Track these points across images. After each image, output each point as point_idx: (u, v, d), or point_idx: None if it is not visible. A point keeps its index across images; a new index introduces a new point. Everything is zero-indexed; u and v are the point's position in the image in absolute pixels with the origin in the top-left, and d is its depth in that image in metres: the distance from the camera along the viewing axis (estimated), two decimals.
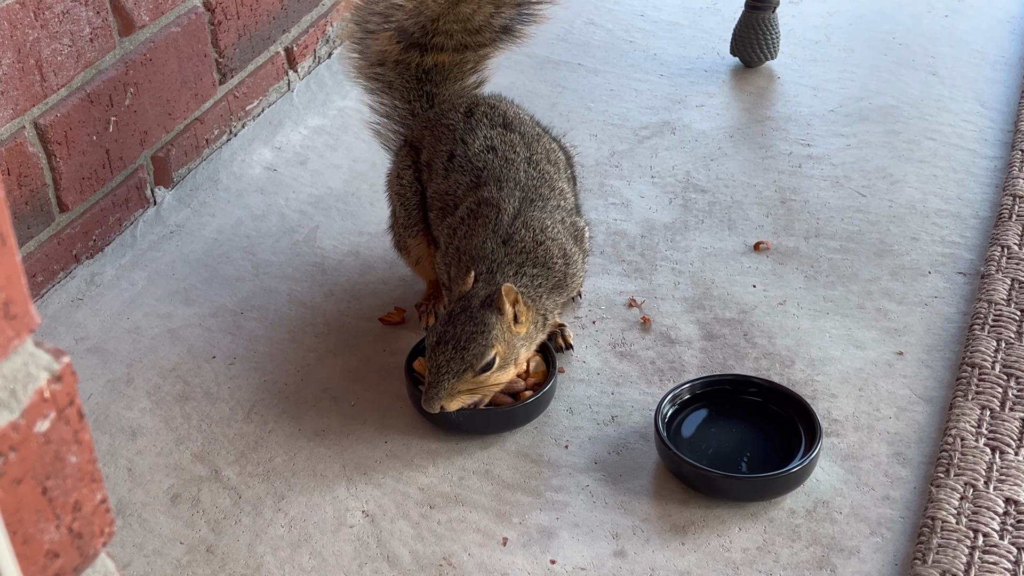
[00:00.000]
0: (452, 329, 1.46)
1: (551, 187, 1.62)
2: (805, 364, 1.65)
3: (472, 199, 1.59)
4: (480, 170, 1.61)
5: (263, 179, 2.09)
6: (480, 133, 1.64)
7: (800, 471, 1.43)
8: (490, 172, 1.60)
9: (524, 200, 1.58)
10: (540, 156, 1.64)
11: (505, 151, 1.62)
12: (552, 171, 1.64)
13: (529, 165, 1.62)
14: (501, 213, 1.56)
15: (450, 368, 1.45)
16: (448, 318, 1.47)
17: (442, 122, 1.69)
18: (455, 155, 1.64)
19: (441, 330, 1.47)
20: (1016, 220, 1.85)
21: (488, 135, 1.64)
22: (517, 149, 1.63)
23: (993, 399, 1.54)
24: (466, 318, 1.46)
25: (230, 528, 1.44)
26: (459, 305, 1.48)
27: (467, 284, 1.49)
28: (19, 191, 1.70)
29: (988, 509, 1.39)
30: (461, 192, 1.62)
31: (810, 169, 2.06)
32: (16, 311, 0.60)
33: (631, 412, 1.59)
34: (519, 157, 1.62)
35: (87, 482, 0.67)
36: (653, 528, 1.42)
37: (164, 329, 1.75)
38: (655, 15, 2.58)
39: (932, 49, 2.42)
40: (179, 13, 1.93)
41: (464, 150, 1.63)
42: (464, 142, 1.64)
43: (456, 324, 1.46)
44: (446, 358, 1.45)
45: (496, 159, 1.61)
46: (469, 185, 1.61)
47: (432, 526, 1.43)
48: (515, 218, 1.55)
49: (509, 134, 1.65)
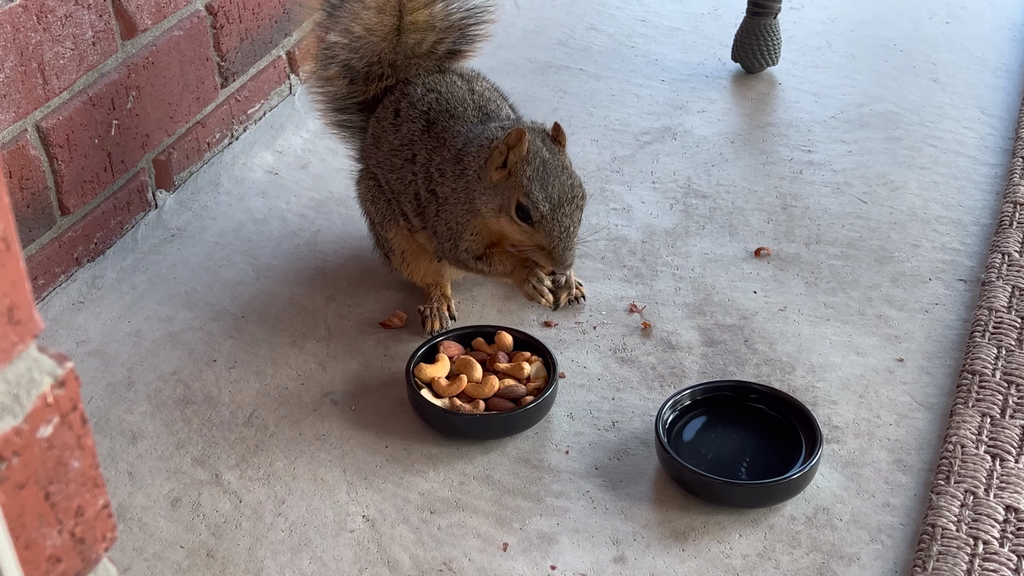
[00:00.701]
0: (555, 188, 1.50)
1: (499, 105, 1.68)
2: (806, 370, 1.65)
3: (430, 134, 1.64)
4: (427, 111, 1.65)
5: (264, 183, 2.09)
6: (419, 82, 1.69)
7: (800, 478, 1.43)
8: (436, 108, 1.65)
9: (479, 115, 1.64)
10: (481, 88, 1.69)
11: (447, 87, 1.67)
12: (495, 96, 1.70)
13: (473, 93, 1.67)
14: (464, 112, 1.63)
15: (574, 223, 1.52)
16: (541, 178, 1.50)
17: (384, 102, 1.73)
18: (399, 110, 1.69)
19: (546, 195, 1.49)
20: (1017, 227, 1.85)
21: (426, 81, 1.69)
22: (457, 83, 1.68)
23: (993, 406, 1.54)
24: (555, 170, 1.51)
25: (230, 532, 1.44)
26: (536, 163, 1.50)
27: (523, 148, 1.50)
28: (21, 194, 1.70)
29: (988, 516, 1.39)
30: (416, 137, 1.66)
31: (811, 175, 2.06)
32: (20, 316, 0.60)
33: (632, 418, 1.59)
34: (461, 89, 1.67)
35: (89, 487, 0.67)
36: (653, 534, 1.42)
37: (165, 332, 1.75)
38: (657, 20, 2.59)
39: (933, 56, 2.42)
40: (181, 17, 1.93)
41: (408, 101, 1.68)
42: (405, 94, 1.69)
43: (553, 180, 1.50)
44: (568, 216, 1.50)
45: (440, 97, 1.66)
46: (422, 129, 1.65)
47: (432, 531, 1.43)
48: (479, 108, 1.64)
49: (446, 76, 1.70)
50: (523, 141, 1.49)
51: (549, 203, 1.49)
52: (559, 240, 1.50)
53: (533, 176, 1.49)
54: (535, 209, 1.49)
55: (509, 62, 2.42)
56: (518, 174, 1.50)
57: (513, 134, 1.49)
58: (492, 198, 1.54)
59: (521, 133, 1.48)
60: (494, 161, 1.52)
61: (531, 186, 1.49)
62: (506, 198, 1.52)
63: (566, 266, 1.53)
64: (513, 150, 1.50)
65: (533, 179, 1.49)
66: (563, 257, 1.51)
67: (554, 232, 1.50)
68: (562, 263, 1.52)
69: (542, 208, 1.49)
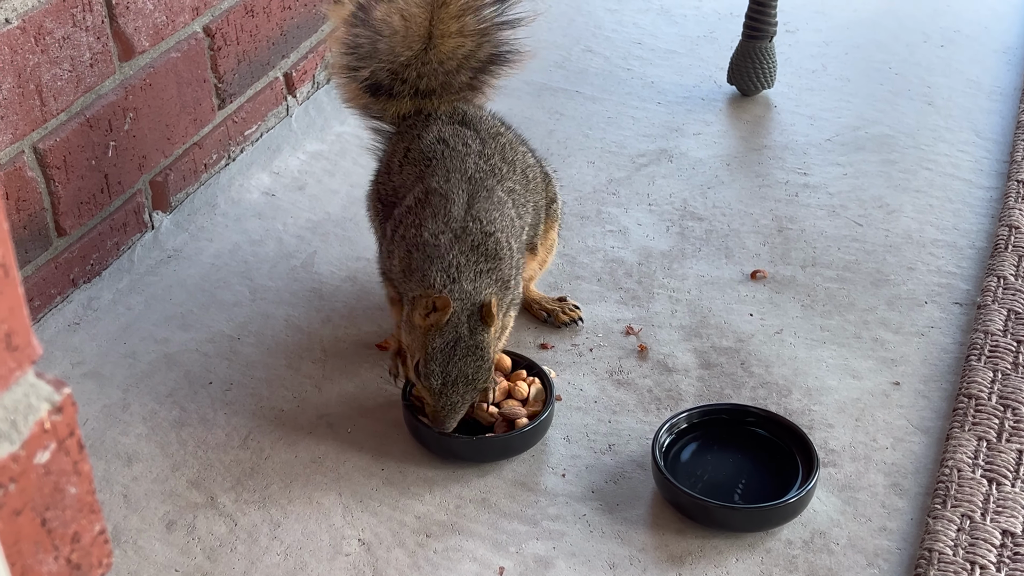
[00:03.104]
0: (455, 368, 1.46)
1: (500, 181, 1.61)
2: (802, 393, 1.65)
3: (419, 188, 1.59)
4: (429, 160, 1.61)
5: (261, 204, 2.09)
6: (435, 127, 1.66)
7: (797, 502, 1.43)
8: (437, 163, 1.60)
9: (472, 192, 1.57)
10: (492, 151, 1.64)
11: (456, 143, 1.63)
12: (504, 168, 1.63)
13: (480, 158, 1.62)
14: (451, 204, 1.55)
15: (464, 401, 1.49)
16: (445, 355, 1.46)
17: (406, 125, 1.71)
18: (410, 150, 1.65)
19: (443, 371, 1.46)
20: (1012, 251, 1.86)
21: (442, 129, 1.65)
22: (469, 143, 1.63)
23: (990, 430, 1.54)
24: (463, 351, 1.46)
25: (225, 556, 1.43)
26: (448, 337, 1.46)
27: (441, 320, 1.45)
28: (17, 215, 1.70)
29: (985, 541, 1.39)
30: (411, 182, 1.62)
31: (807, 198, 2.07)
32: (18, 342, 0.60)
33: (628, 441, 1.58)
34: (470, 150, 1.62)
35: (86, 513, 0.66)
36: (650, 558, 1.42)
37: (161, 354, 1.75)
38: (653, 43, 2.60)
39: (928, 79, 2.43)
40: (179, 39, 1.94)
41: (418, 144, 1.64)
42: (419, 137, 1.65)
43: (456, 360, 1.46)
44: (459, 396, 1.48)
45: (447, 150, 1.62)
46: (419, 175, 1.61)
47: (428, 555, 1.43)
48: (466, 211, 1.55)
49: (464, 129, 1.66)
50: (445, 312, 1.45)
51: (442, 380, 1.47)
52: (441, 410, 1.49)
53: (436, 350, 1.46)
54: (427, 380, 1.47)
55: (505, 84, 2.42)
56: (428, 339, 1.47)
57: (441, 301, 1.44)
58: (407, 334, 1.52)
59: (446, 306, 1.44)
60: (418, 309, 1.47)
61: (432, 359, 1.46)
62: (415, 345, 1.49)
63: (438, 427, 1.50)
64: (431, 315, 1.46)
65: (435, 353, 1.46)
66: (440, 423, 1.49)
67: (439, 403, 1.48)
68: (439, 426, 1.50)
69: (434, 383, 1.47)
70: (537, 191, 1.70)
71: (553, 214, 1.77)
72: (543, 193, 1.73)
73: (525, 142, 1.76)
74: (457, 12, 1.67)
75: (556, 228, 1.79)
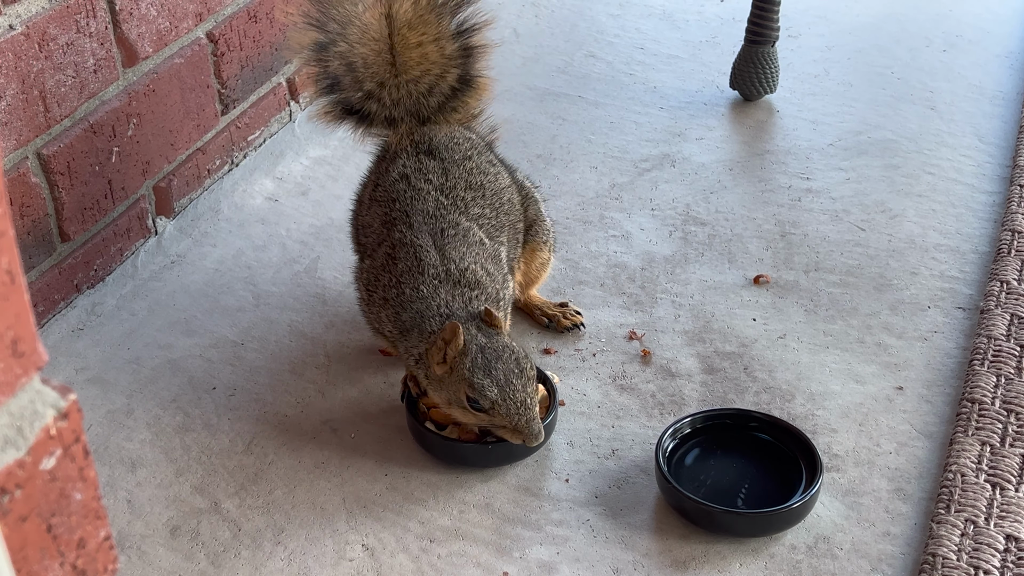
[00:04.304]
0: (499, 371, 1.45)
1: (463, 211, 1.60)
2: (805, 398, 1.65)
3: (387, 243, 1.58)
4: (392, 201, 1.60)
5: (264, 209, 2.09)
6: (400, 161, 1.63)
7: (801, 507, 1.43)
8: (399, 205, 1.59)
9: (437, 233, 1.56)
10: (456, 180, 1.62)
11: (417, 180, 1.60)
12: (469, 196, 1.62)
13: (440, 193, 1.60)
14: (421, 253, 1.54)
15: (528, 395, 1.46)
16: (483, 366, 1.45)
17: (380, 152, 1.71)
18: (378, 185, 1.64)
19: (492, 380, 1.45)
20: (1015, 255, 1.86)
21: (405, 164, 1.63)
22: (431, 177, 1.61)
23: (993, 435, 1.54)
24: (494, 354, 1.46)
25: (229, 561, 1.43)
26: (474, 352, 1.46)
27: (459, 342, 1.45)
28: (22, 221, 1.70)
29: (989, 546, 1.39)
30: (377, 225, 1.61)
31: (809, 203, 2.07)
32: (24, 349, 0.60)
33: (632, 446, 1.58)
34: (431, 186, 1.60)
35: (91, 519, 0.66)
36: (654, 563, 1.42)
37: (164, 360, 1.75)
38: (655, 48, 2.60)
39: (930, 84, 2.43)
40: (182, 44, 1.94)
41: (384, 179, 1.63)
42: (387, 171, 1.64)
43: (495, 364, 1.46)
44: (521, 391, 1.46)
45: (408, 188, 1.60)
46: (383, 219, 1.60)
47: (432, 560, 1.43)
48: (440, 256, 1.54)
49: (428, 161, 1.63)
50: (458, 335, 1.45)
51: (496, 387, 1.45)
52: (518, 416, 1.46)
53: (473, 366, 1.45)
54: (484, 398, 1.45)
55: (508, 89, 2.43)
56: (459, 367, 1.46)
57: (447, 329, 1.44)
58: (440, 390, 1.51)
59: (455, 328, 1.44)
60: (434, 356, 1.48)
61: (473, 376, 1.45)
62: (454, 391, 1.48)
63: (535, 438, 1.47)
64: (449, 345, 1.46)
65: (474, 369, 1.45)
66: (528, 429, 1.46)
67: (511, 411, 1.46)
68: (530, 436, 1.47)
69: (491, 395, 1.45)
70: (512, 212, 1.69)
71: (537, 236, 1.75)
72: (519, 214, 1.71)
73: (503, 162, 1.74)
74: (415, 21, 1.65)
75: (547, 249, 1.77)
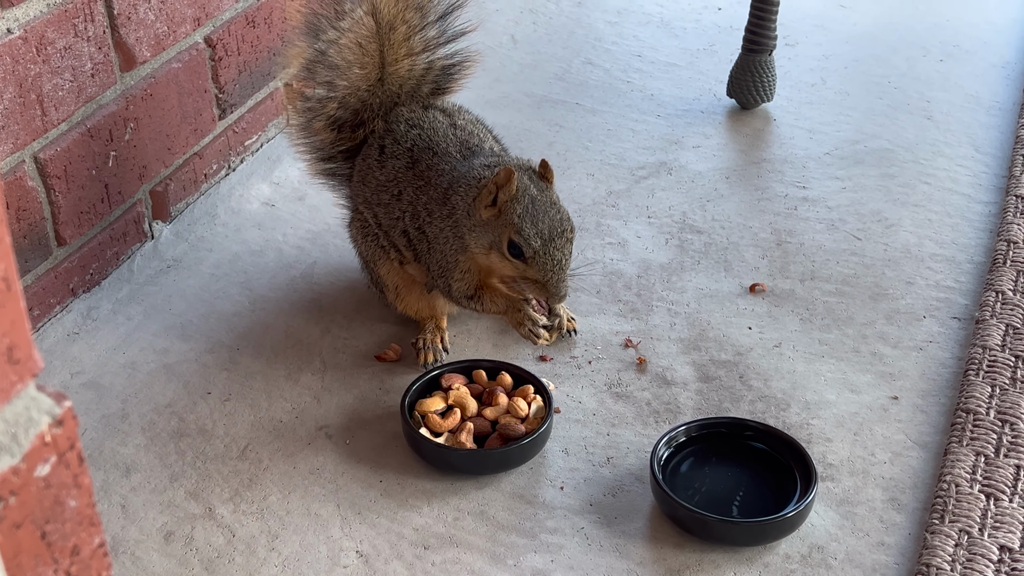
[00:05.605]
0: (545, 223, 1.52)
1: (481, 139, 1.70)
2: (800, 407, 1.65)
3: (412, 173, 1.67)
4: (411, 148, 1.68)
5: (261, 214, 2.09)
6: (402, 119, 1.72)
7: (796, 516, 1.43)
8: (420, 145, 1.67)
9: (461, 151, 1.65)
10: (463, 121, 1.72)
11: (429, 123, 1.70)
12: (478, 130, 1.72)
13: (455, 128, 1.69)
14: (445, 143, 1.66)
15: (565, 256, 1.54)
16: (532, 215, 1.51)
17: (366, 146, 1.76)
18: (384, 147, 1.71)
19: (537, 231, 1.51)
20: (1010, 265, 1.86)
21: (409, 117, 1.71)
22: (439, 119, 1.71)
23: (988, 445, 1.54)
24: (543, 206, 1.53)
25: (223, 567, 1.43)
26: (525, 201, 1.52)
27: (512, 187, 1.51)
28: (18, 225, 1.70)
29: (983, 556, 1.39)
30: (400, 175, 1.68)
31: (806, 212, 2.07)
32: (19, 356, 0.60)
33: (626, 454, 1.58)
34: (443, 124, 1.70)
35: (86, 526, 0.66)
36: (648, 572, 1.42)
37: (160, 364, 1.75)
38: (653, 56, 2.60)
39: (927, 93, 2.44)
40: (180, 49, 1.94)
41: (392, 138, 1.70)
42: (390, 131, 1.71)
43: (543, 215, 1.52)
44: (560, 250, 1.53)
45: (422, 132, 1.68)
46: (406, 165, 1.67)
47: (426, 567, 1.42)
48: (471, 161, 1.63)
49: (428, 111, 1.73)
50: (512, 180, 1.51)
51: (540, 239, 1.52)
52: (552, 273, 1.53)
53: (523, 213, 1.52)
54: (527, 245, 1.52)
55: (506, 95, 2.43)
56: (508, 212, 1.52)
57: (502, 173, 1.50)
58: (482, 235, 1.56)
59: (510, 172, 1.50)
60: (483, 200, 1.54)
61: (522, 223, 1.51)
62: (497, 235, 1.54)
63: (560, 297, 1.56)
64: (502, 189, 1.51)
65: (524, 216, 1.52)
66: (557, 289, 1.54)
67: (547, 266, 1.53)
68: (556, 295, 1.55)
69: (534, 244, 1.52)
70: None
71: None
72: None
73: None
74: (405, 35, 1.71)
75: None
